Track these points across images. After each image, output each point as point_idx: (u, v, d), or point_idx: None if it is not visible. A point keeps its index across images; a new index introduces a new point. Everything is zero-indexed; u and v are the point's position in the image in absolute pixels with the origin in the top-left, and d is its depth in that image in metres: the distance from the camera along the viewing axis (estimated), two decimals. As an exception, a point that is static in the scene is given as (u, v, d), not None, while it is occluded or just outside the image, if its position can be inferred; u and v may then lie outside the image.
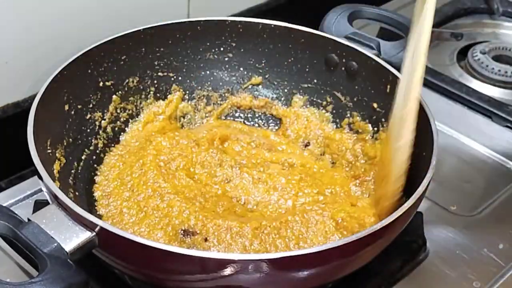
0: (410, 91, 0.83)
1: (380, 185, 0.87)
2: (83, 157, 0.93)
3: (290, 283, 0.74)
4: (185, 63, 1.05)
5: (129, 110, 1.01)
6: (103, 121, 0.97)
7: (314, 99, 1.05)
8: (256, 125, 1.07)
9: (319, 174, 0.96)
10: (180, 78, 1.05)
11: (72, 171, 0.90)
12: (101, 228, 0.70)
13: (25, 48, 0.99)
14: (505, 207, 1.00)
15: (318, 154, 1.01)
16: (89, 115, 0.95)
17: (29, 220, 0.72)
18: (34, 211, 0.86)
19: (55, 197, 0.73)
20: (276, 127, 1.06)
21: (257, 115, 1.07)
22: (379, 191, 0.88)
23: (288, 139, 1.03)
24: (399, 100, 0.85)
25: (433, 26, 1.32)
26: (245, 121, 1.07)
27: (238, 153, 0.97)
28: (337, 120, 1.03)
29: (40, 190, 0.93)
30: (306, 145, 1.02)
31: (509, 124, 1.14)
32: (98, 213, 0.88)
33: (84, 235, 0.71)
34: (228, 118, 1.07)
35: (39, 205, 0.89)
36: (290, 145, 1.01)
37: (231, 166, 0.94)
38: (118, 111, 0.99)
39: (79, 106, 0.94)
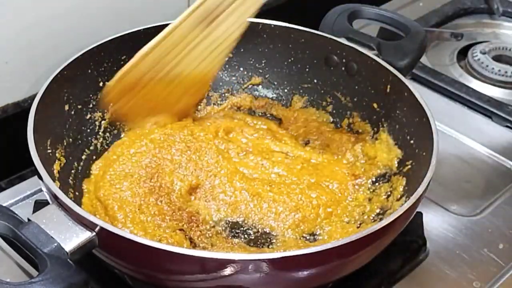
0: None
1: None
2: (83, 157, 0.93)
3: (290, 283, 0.74)
4: (185, 63, 1.05)
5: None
6: (103, 121, 0.97)
7: (314, 99, 1.05)
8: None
9: (321, 165, 0.96)
10: (180, 78, 1.05)
11: (72, 171, 0.90)
12: (101, 228, 0.70)
13: (25, 48, 0.99)
14: (505, 207, 1.00)
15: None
16: (89, 115, 0.95)
17: (29, 220, 0.72)
18: (34, 211, 0.86)
19: (55, 197, 0.73)
20: (276, 127, 1.06)
21: (257, 115, 1.07)
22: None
23: (290, 134, 1.03)
24: None
25: (433, 26, 1.34)
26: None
27: (244, 143, 0.98)
28: (337, 120, 1.03)
29: (40, 190, 0.93)
30: (306, 143, 1.02)
31: (509, 124, 1.14)
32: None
33: (84, 235, 0.71)
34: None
35: (39, 205, 0.89)
36: (293, 140, 1.02)
37: (237, 153, 0.96)
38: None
39: (79, 106, 0.94)
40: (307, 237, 0.88)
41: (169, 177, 0.91)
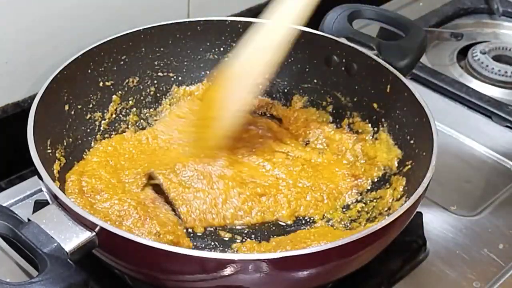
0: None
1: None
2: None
3: (290, 283, 0.74)
4: (185, 63, 1.05)
5: (129, 111, 1.01)
6: (103, 121, 0.97)
7: (314, 99, 1.05)
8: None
9: (321, 166, 0.97)
10: (180, 78, 1.05)
11: (72, 171, 0.90)
12: (101, 228, 0.70)
13: (25, 48, 0.99)
14: (505, 207, 1.00)
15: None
16: (89, 115, 0.95)
17: (29, 220, 0.72)
18: (34, 211, 0.86)
19: (55, 197, 0.73)
20: (276, 127, 1.06)
21: (257, 115, 1.07)
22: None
23: (290, 134, 1.03)
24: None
25: (433, 26, 1.34)
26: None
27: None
28: (337, 120, 1.03)
29: (40, 190, 0.93)
30: (306, 143, 1.02)
31: (509, 124, 1.14)
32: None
33: (84, 235, 0.71)
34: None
35: (39, 205, 0.89)
36: (293, 140, 1.02)
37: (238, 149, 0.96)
38: (118, 112, 1.00)
39: (79, 106, 0.94)
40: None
41: None
